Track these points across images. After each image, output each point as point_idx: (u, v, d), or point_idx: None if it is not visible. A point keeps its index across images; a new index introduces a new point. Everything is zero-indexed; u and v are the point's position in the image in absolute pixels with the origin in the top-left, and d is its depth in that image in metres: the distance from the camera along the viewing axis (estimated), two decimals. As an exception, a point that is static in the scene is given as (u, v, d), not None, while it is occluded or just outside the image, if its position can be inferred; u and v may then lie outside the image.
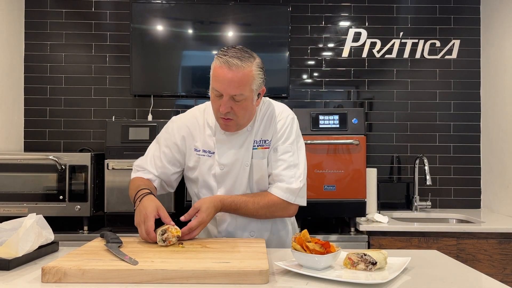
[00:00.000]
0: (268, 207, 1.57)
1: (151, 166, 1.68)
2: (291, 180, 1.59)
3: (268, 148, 1.62)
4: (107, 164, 2.47)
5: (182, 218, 1.47)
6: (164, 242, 1.31)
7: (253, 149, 1.61)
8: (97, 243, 1.33)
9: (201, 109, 1.72)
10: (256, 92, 1.55)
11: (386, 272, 1.16)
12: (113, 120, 2.57)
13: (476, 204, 3.17)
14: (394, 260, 1.26)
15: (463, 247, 2.49)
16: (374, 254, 1.16)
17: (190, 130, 1.66)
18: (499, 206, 2.96)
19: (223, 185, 1.60)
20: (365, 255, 1.13)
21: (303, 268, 1.16)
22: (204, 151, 1.63)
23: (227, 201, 1.54)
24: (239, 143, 1.61)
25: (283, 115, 1.66)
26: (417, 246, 2.49)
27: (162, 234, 1.31)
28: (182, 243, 1.33)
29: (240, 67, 1.47)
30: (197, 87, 3.08)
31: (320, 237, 2.39)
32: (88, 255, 1.19)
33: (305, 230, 1.18)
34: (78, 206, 2.43)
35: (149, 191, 1.54)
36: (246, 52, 1.51)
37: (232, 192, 1.60)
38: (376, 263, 1.15)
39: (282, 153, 1.62)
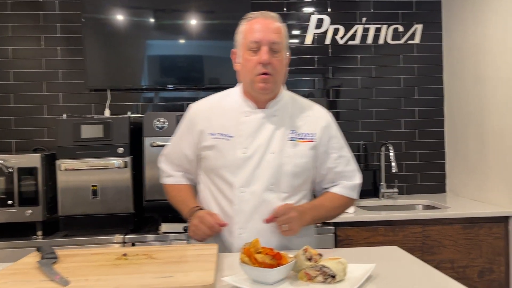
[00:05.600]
0: (340, 207, 1.59)
1: (174, 169, 1.68)
2: (353, 174, 1.62)
3: (313, 142, 1.55)
4: (59, 165, 2.32)
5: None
6: (310, 261, 1.13)
7: (290, 140, 1.53)
8: (31, 259, 1.22)
9: (222, 94, 1.67)
10: (287, 51, 1.55)
11: (347, 284, 1.09)
12: (64, 117, 2.42)
13: (441, 189, 3.18)
14: (356, 268, 1.18)
15: (429, 234, 2.49)
16: (333, 264, 1.08)
17: (206, 114, 1.59)
18: (463, 190, 2.98)
19: (243, 170, 1.49)
20: (324, 266, 1.05)
21: (253, 283, 1.06)
22: (222, 134, 1.53)
23: (306, 205, 1.52)
24: (265, 127, 1.53)
25: (325, 111, 1.65)
26: (384, 235, 2.47)
27: (305, 253, 1.15)
28: (125, 255, 1.23)
29: (275, 17, 1.53)
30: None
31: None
32: (17, 275, 1.09)
33: (257, 239, 1.10)
34: (30, 211, 2.29)
35: (198, 208, 1.54)
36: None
37: (253, 182, 1.49)
38: (335, 276, 1.07)
39: (340, 149, 1.62)
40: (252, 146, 1.50)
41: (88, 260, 1.20)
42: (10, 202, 2.28)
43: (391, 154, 2.85)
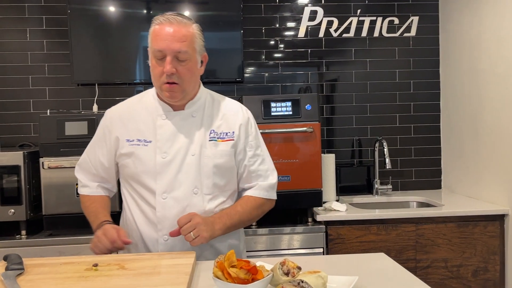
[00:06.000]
0: (255, 209, 1.53)
1: (89, 178, 1.61)
2: (267, 174, 1.58)
3: (233, 140, 1.52)
4: (42, 163, 2.26)
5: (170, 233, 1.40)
6: (287, 275, 1.06)
7: (210, 140, 1.50)
8: (-3, 269, 1.17)
9: (138, 97, 1.61)
10: (200, 54, 1.50)
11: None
12: (48, 114, 2.35)
13: (437, 185, 3.12)
14: (337, 281, 1.11)
15: (422, 233, 2.44)
16: (311, 279, 1.01)
17: (121, 120, 1.54)
18: (459, 186, 2.92)
19: (164, 176, 1.45)
20: (302, 282, 0.98)
21: None
22: (139, 140, 1.48)
23: (216, 214, 1.46)
24: (183, 129, 1.49)
25: (243, 108, 1.61)
26: (376, 233, 2.42)
27: (282, 267, 1.08)
28: (96, 265, 1.18)
29: (182, 23, 1.45)
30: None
31: (274, 229, 2.31)
32: (-22, 289, 1.03)
33: (232, 252, 1.03)
34: (12, 210, 2.24)
35: (107, 222, 1.49)
36: (183, 15, 1.49)
37: (175, 187, 1.45)
38: (315, 292, 1.01)
39: (256, 148, 1.58)
40: (171, 150, 1.46)
41: (55, 272, 1.14)
42: (-8, 201, 2.22)
43: (385, 149, 2.79)
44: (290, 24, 3.03)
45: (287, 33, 3.03)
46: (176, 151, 1.46)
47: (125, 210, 1.58)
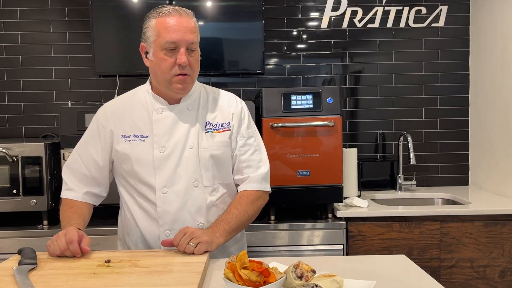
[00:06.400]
0: (251, 204, 1.49)
1: (78, 180, 1.53)
2: (259, 165, 1.55)
3: (229, 130, 1.51)
4: (63, 154, 2.28)
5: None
6: (301, 279, 1.02)
7: (206, 132, 1.49)
8: (11, 263, 1.17)
9: (131, 93, 1.59)
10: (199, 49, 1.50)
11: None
12: (69, 105, 2.37)
13: (464, 181, 3.01)
14: (354, 285, 1.06)
15: (447, 231, 2.35)
16: (326, 283, 0.96)
17: (116, 116, 1.51)
18: (487, 183, 2.81)
19: (163, 170, 1.43)
20: (316, 286, 0.94)
21: None
22: (135, 135, 1.46)
23: (212, 224, 1.43)
24: (180, 123, 1.47)
25: (237, 99, 1.59)
26: (398, 231, 2.35)
27: (295, 270, 1.04)
28: (109, 261, 1.16)
29: (189, 14, 1.45)
30: None
31: (293, 225, 2.27)
32: (-10, 283, 1.03)
33: (244, 252, 1.00)
34: (34, 200, 2.26)
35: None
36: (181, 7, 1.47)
37: (175, 180, 1.43)
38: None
39: (248, 138, 1.55)
40: (169, 143, 1.44)
41: (68, 267, 1.14)
42: (15, 191, 2.25)
43: (410, 144, 2.70)
44: (313, 15, 2.95)
45: (309, 23, 2.95)
46: (174, 144, 1.44)
47: (123, 209, 1.56)
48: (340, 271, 1.03)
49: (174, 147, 1.44)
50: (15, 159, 2.24)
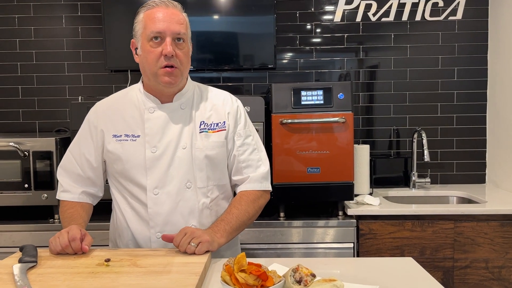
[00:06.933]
0: (252, 203, 1.45)
1: (74, 181, 1.51)
2: (258, 164, 1.52)
3: (225, 130, 1.47)
4: (73, 149, 2.29)
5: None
6: (300, 283, 1.00)
7: (201, 132, 1.45)
8: (11, 260, 1.17)
9: (123, 92, 1.56)
10: (190, 43, 1.48)
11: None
12: (79, 101, 2.37)
13: (481, 179, 2.93)
14: None
15: (461, 231, 2.29)
16: None
17: (107, 115, 1.48)
18: (505, 181, 2.72)
19: (155, 171, 1.40)
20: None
21: None
22: (127, 135, 1.43)
23: (212, 224, 1.40)
24: (173, 122, 1.44)
25: (232, 98, 1.54)
26: (411, 230, 2.30)
27: (294, 274, 1.02)
28: (108, 260, 1.15)
29: (177, 7, 1.44)
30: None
31: (302, 222, 2.24)
32: (-11, 281, 1.03)
33: (243, 254, 0.97)
34: (45, 195, 2.28)
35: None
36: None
37: (167, 181, 1.40)
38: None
39: (246, 137, 1.51)
40: (161, 143, 1.40)
41: (67, 265, 1.14)
42: (26, 185, 2.28)
43: (424, 140, 2.64)
44: (326, 8, 2.90)
45: (322, 17, 2.90)
46: (166, 144, 1.41)
47: (115, 209, 1.54)
48: (343, 273, 1.00)
49: (166, 147, 1.41)
50: (27, 153, 2.26)
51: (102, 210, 1.77)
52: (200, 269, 1.08)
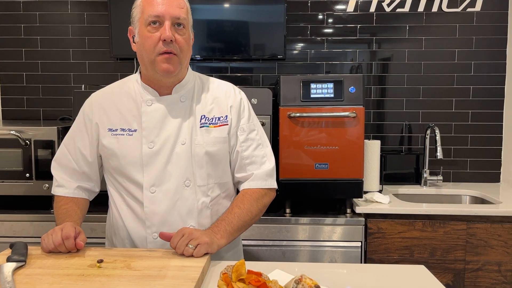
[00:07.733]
0: (255, 201, 1.37)
1: (69, 175, 1.45)
2: (263, 160, 1.43)
3: (227, 125, 1.39)
4: (75, 139, 2.24)
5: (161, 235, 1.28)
6: None
7: (202, 127, 1.37)
8: (1, 258, 1.12)
9: (120, 82, 1.48)
10: (191, 30, 1.38)
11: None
12: (83, 89, 2.31)
13: (495, 178, 2.83)
14: None
15: (474, 232, 2.21)
16: None
17: (103, 107, 1.40)
18: (520, 181, 2.63)
19: (152, 168, 1.32)
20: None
21: None
22: (123, 129, 1.36)
23: (213, 224, 1.33)
24: (171, 116, 1.35)
25: (236, 90, 1.45)
26: (421, 230, 2.22)
27: (296, 286, 0.95)
28: (101, 261, 1.09)
29: None
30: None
31: (309, 219, 2.17)
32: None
33: (242, 262, 0.91)
34: (47, 185, 2.24)
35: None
36: None
37: (165, 179, 1.33)
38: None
39: (250, 132, 1.42)
40: (159, 138, 1.32)
41: (58, 266, 1.08)
42: (27, 175, 2.23)
43: (437, 137, 2.54)
44: (339, -3, 2.79)
45: (335, 7, 2.80)
46: (164, 140, 1.33)
47: (111, 207, 1.47)
48: (350, 281, 0.93)
49: (164, 143, 1.33)
50: (28, 142, 2.21)
51: (106, 202, 1.72)
52: (197, 274, 1.02)
